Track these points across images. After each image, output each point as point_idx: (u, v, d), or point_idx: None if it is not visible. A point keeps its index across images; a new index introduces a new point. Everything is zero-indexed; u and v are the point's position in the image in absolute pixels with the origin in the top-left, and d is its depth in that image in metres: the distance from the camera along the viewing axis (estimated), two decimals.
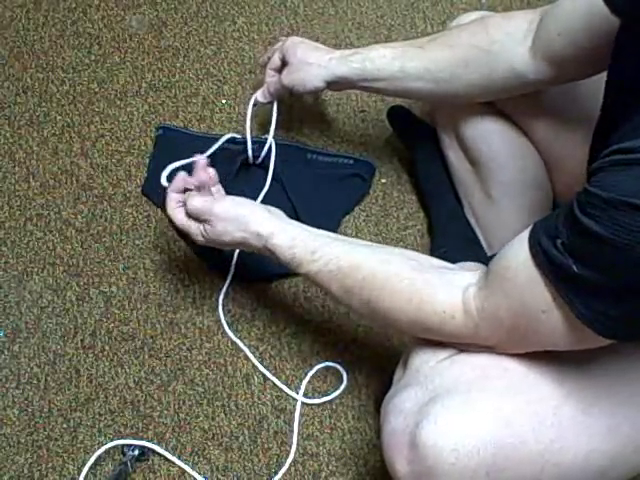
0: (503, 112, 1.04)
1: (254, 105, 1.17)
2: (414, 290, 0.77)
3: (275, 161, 1.18)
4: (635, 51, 0.64)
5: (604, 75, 0.74)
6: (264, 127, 1.25)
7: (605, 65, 0.75)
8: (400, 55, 1.00)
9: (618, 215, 0.55)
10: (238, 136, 1.22)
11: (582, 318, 0.62)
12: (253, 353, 1.13)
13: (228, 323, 1.14)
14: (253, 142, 1.22)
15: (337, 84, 1.07)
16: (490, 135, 1.04)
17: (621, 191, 0.55)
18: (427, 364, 0.78)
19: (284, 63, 1.10)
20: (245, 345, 1.13)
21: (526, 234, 0.67)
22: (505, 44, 0.92)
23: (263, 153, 1.19)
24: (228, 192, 1.19)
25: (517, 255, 0.67)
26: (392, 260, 0.82)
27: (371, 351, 1.14)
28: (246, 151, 1.20)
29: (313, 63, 1.05)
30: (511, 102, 1.01)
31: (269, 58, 1.13)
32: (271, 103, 1.16)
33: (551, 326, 0.67)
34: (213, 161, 1.21)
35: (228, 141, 1.23)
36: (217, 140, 1.21)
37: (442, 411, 0.71)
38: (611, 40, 0.72)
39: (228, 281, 1.16)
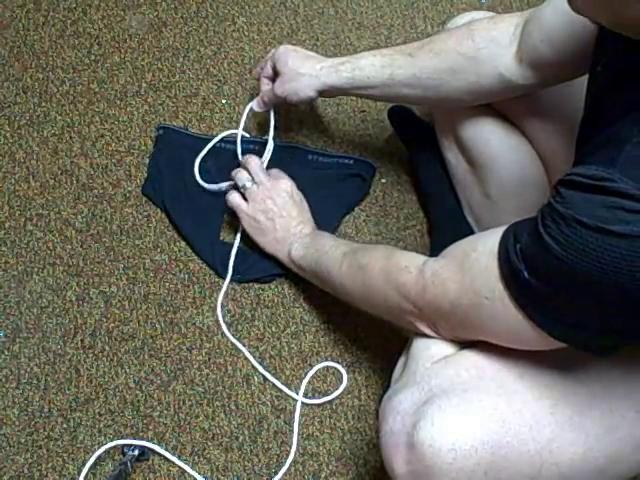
0: (500, 112, 1.05)
1: (251, 112, 1.18)
2: (393, 251, 0.90)
3: (275, 162, 1.18)
4: (608, 59, 0.66)
5: None
6: (263, 127, 1.25)
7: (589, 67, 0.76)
8: (389, 63, 1.01)
9: (570, 231, 0.57)
10: (237, 132, 1.22)
11: (529, 315, 0.66)
12: (253, 353, 1.13)
13: (227, 324, 1.14)
14: (254, 143, 1.23)
15: (329, 92, 1.08)
16: (488, 135, 1.05)
17: (577, 210, 0.57)
18: (423, 365, 0.79)
19: (276, 72, 1.10)
20: (244, 346, 1.13)
21: (503, 228, 0.70)
22: (491, 50, 0.93)
23: (264, 156, 1.19)
24: (228, 191, 1.20)
25: (487, 242, 0.71)
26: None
27: (371, 351, 1.14)
28: (248, 151, 1.21)
29: (305, 73, 1.06)
30: (508, 102, 1.01)
31: (262, 68, 1.14)
32: (267, 111, 1.17)
33: (491, 314, 0.70)
34: (214, 160, 1.23)
35: (229, 142, 1.24)
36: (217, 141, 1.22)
37: (439, 411, 0.71)
38: (592, 43, 0.74)
39: (227, 281, 1.16)
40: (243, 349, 1.13)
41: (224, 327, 1.14)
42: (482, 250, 0.71)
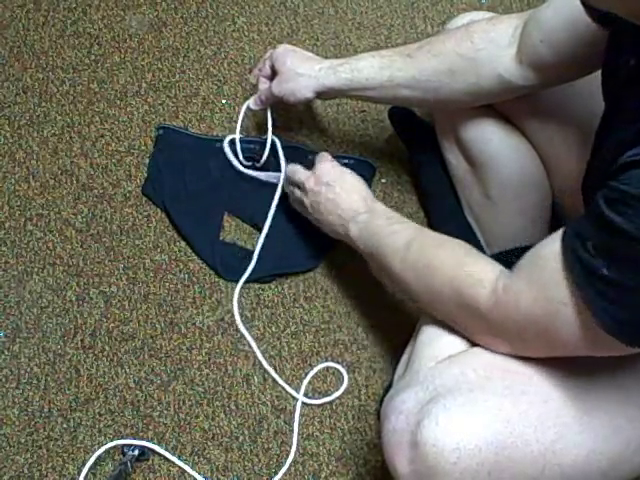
0: (501, 113, 1.05)
1: (248, 110, 1.18)
2: (464, 255, 0.83)
3: (275, 162, 1.19)
4: (629, 44, 0.65)
5: (600, 73, 0.74)
6: (261, 127, 1.25)
7: (591, 68, 0.75)
8: (388, 65, 1.01)
9: None
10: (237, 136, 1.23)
11: (600, 321, 0.63)
12: (253, 353, 1.13)
13: (227, 323, 1.14)
14: (254, 143, 1.23)
15: (327, 94, 1.08)
16: (488, 136, 1.05)
17: None
18: (426, 365, 0.79)
19: (274, 72, 1.10)
20: (247, 345, 1.13)
21: (561, 232, 0.68)
22: (490, 52, 0.93)
23: (264, 156, 1.19)
24: (227, 191, 1.20)
25: (551, 247, 0.68)
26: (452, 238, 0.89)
27: (371, 351, 1.14)
28: (248, 151, 1.21)
29: (303, 74, 1.06)
30: (509, 103, 1.01)
31: (260, 69, 1.14)
32: (264, 110, 1.17)
33: (567, 321, 0.67)
34: (215, 161, 1.23)
35: (230, 142, 1.24)
36: (216, 140, 1.22)
37: (443, 410, 0.71)
38: (594, 44, 0.73)
39: (244, 278, 1.16)
40: (251, 340, 1.13)
41: (241, 326, 1.14)
42: (547, 255, 0.68)
